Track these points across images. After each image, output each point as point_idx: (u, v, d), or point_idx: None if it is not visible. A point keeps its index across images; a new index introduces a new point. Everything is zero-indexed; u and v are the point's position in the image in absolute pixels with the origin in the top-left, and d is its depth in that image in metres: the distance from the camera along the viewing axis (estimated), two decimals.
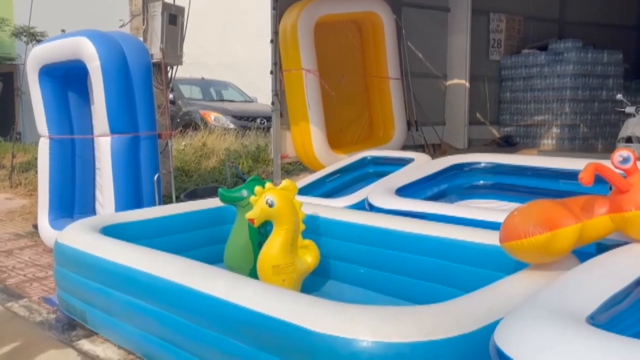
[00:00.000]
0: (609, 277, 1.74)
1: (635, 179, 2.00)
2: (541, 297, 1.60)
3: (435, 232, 2.79)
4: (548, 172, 3.63)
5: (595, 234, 2.09)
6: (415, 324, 1.68)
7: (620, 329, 1.55)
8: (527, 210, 2.06)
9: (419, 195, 3.64)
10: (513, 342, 1.42)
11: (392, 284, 2.94)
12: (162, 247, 2.89)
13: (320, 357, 1.71)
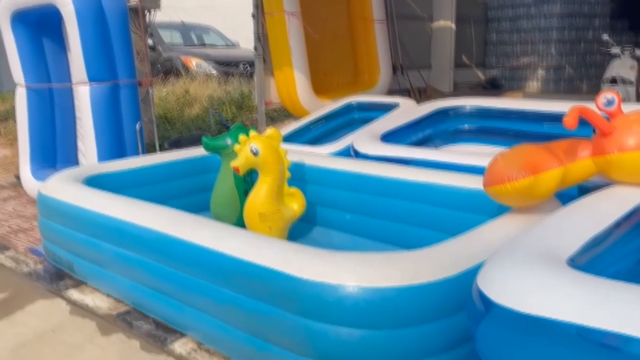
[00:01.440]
0: (590, 220, 1.76)
1: (619, 122, 2.00)
2: (523, 240, 1.62)
3: (421, 177, 2.80)
4: (533, 115, 3.63)
5: (578, 177, 2.11)
6: (400, 268, 1.71)
7: (598, 270, 1.59)
8: (511, 155, 2.07)
9: (405, 140, 3.64)
10: (495, 285, 1.45)
11: (378, 229, 2.98)
12: (147, 197, 2.88)
13: (307, 303, 1.74)
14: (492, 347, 1.43)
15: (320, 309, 1.72)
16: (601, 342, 1.22)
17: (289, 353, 1.84)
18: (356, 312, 1.67)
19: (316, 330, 1.74)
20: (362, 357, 1.73)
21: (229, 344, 2.09)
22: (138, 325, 2.45)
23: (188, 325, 2.28)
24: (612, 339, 1.20)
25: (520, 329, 1.36)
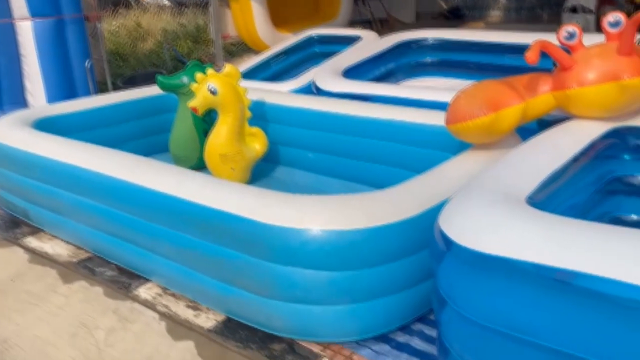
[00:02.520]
0: (548, 156, 1.79)
1: (579, 56, 2.00)
2: (483, 179, 1.63)
3: (384, 114, 2.78)
4: (495, 47, 3.61)
5: (538, 112, 2.12)
6: (364, 210, 1.71)
7: (555, 205, 1.63)
8: (472, 92, 2.05)
9: (367, 75, 3.57)
10: (455, 225, 1.47)
11: (342, 167, 2.97)
12: (101, 140, 2.78)
13: (272, 247, 1.74)
14: (452, 285, 1.46)
15: (285, 253, 1.72)
16: (555, 278, 1.25)
17: (255, 296, 1.85)
18: (321, 254, 1.68)
19: (282, 273, 1.75)
20: (329, 298, 1.76)
21: (195, 288, 2.09)
22: (100, 272, 2.42)
23: (152, 270, 2.27)
24: (566, 276, 1.23)
25: (478, 267, 1.39)
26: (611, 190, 2.09)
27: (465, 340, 1.48)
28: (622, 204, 2.11)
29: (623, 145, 2.04)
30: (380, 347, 1.81)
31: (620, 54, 1.91)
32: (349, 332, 1.80)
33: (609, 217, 2.13)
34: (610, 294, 1.18)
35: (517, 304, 1.33)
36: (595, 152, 1.96)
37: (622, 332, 1.18)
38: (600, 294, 1.19)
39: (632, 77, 1.89)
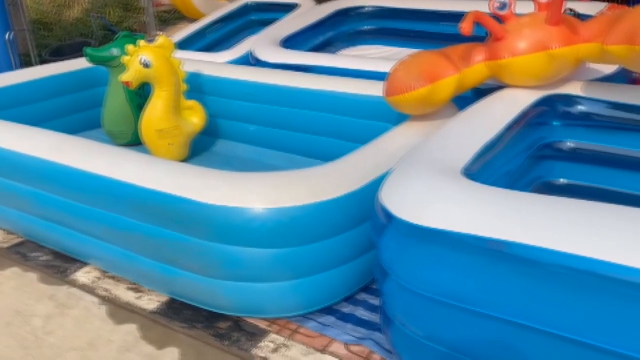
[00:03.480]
0: (483, 126, 1.83)
1: (511, 26, 2.04)
2: (420, 152, 1.66)
3: (324, 85, 2.76)
4: (433, 15, 3.63)
5: (473, 82, 2.17)
6: (306, 186, 1.71)
7: (488, 175, 1.69)
8: (409, 64, 2.06)
9: (305, 45, 3.53)
10: (394, 198, 1.49)
11: (283, 139, 2.95)
12: (27, 118, 2.64)
13: (214, 228, 1.72)
14: (393, 257, 1.50)
15: (228, 233, 1.71)
16: (489, 248, 1.30)
17: (199, 276, 1.83)
18: (265, 232, 1.68)
19: (225, 252, 1.74)
20: (273, 274, 1.76)
21: (136, 270, 2.04)
22: (34, 257, 2.32)
23: (89, 254, 2.19)
24: (499, 245, 1.28)
25: (417, 239, 1.43)
26: (542, 155, 2.18)
27: (406, 309, 1.52)
28: (552, 168, 2.21)
29: (553, 112, 2.13)
30: (325, 318, 1.84)
31: (549, 24, 1.96)
32: (295, 307, 1.82)
33: (540, 181, 2.23)
34: (541, 261, 1.23)
35: (455, 273, 1.38)
36: (527, 119, 2.03)
37: (553, 297, 1.24)
38: (531, 262, 1.25)
39: (560, 47, 1.95)
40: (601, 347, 1.18)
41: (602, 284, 1.16)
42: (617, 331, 1.16)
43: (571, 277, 1.20)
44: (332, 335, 1.77)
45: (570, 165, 2.17)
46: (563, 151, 2.17)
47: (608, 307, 1.17)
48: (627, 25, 1.74)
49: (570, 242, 1.20)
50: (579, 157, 2.15)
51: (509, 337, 1.34)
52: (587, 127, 2.10)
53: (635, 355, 1.14)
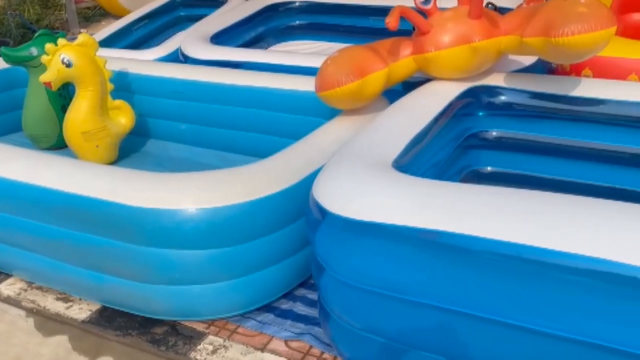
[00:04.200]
0: (411, 119, 1.87)
1: (435, 20, 2.09)
2: (352, 146, 1.68)
3: (255, 81, 2.73)
4: (362, 10, 3.67)
5: (401, 75, 2.21)
6: (239, 185, 1.69)
7: (418, 166, 1.73)
8: (338, 59, 2.08)
9: (236, 41, 3.48)
10: (327, 194, 1.50)
11: (216, 137, 2.90)
12: None
13: (145, 232, 1.67)
14: (329, 252, 1.51)
15: (161, 236, 1.66)
16: (421, 238, 1.34)
17: (131, 282, 1.78)
18: (198, 234, 1.65)
19: (158, 256, 1.69)
20: (209, 276, 1.73)
21: (64, 279, 1.96)
22: None
23: (13, 265, 2.08)
24: (430, 235, 1.32)
25: (352, 233, 1.44)
26: (470, 145, 2.25)
27: (343, 303, 1.54)
28: (480, 157, 2.29)
29: (478, 103, 2.20)
30: (264, 317, 1.83)
31: (471, 18, 2.02)
32: (233, 307, 1.80)
33: (469, 170, 2.31)
34: (470, 248, 1.28)
35: (389, 265, 1.41)
36: (453, 111, 2.10)
37: (484, 282, 1.29)
38: (461, 249, 1.29)
39: (482, 40, 2.02)
40: (533, 329, 1.24)
41: (531, 268, 1.21)
42: (549, 313, 1.22)
43: (500, 262, 1.25)
44: (272, 333, 1.77)
45: (496, 154, 2.26)
46: (489, 140, 2.25)
47: (538, 290, 1.22)
48: (543, 19, 1.83)
49: (497, 229, 1.25)
50: (504, 146, 2.24)
51: (445, 324, 1.39)
52: (510, 116, 2.19)
53: (565, 334, 1.20)
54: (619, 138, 2.05)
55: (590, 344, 1.18)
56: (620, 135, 2.05)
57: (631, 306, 1.13)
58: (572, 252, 1.15)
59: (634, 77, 2.25)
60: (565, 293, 1.19)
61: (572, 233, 1.18)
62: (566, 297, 1.19)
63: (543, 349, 1.25)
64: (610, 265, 1.12)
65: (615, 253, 1.12)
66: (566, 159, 2.16)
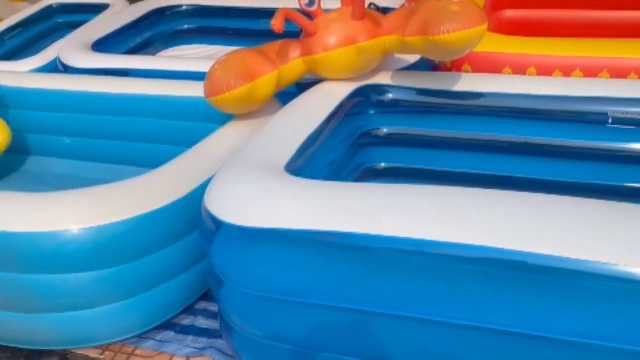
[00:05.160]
0: (303, 120, 1.88)
1: (320, 22, 2.11)
2: (243, 152, 1.65)
3: (143, 89, 2.61)
4: (251, 12, 3.63)
5: (292, 77, 2.20)
6: (125, 199, 1.60)
7: (312, 168, 1.73)
8: (226, 63, 2.03)
9: (120, 48, 3.31)
10: (220, 202, 1.46)
11: (104, 150, 2.74)
12: None
13: (24, 258, 1.54)
14: (225, 263, 1.47)
15: (42, 261, 1.54)
16: (317, 240, 1.33)
17: (11, 313, 1.63)
18: (84, 255, 1.54)
19: (41, 283, 1.56)
20: (99, 298, 1.63)
21: None
22: None
23: None
24: (325, 237, 1.32)
25: (248, 242, 1.41)
26: (363, 143, 2.30)
27: (245, 313, 1.51)
28: (373, 154, 2.35)
29: (368, 102, 2.25)
30: (164, 334, 1.76)
31: (354, 19, 2.06)
32: (129, 328, 1.71)
33: (363, 168, 2.35)
34: (365, 246, 1.29)
35: (289, 270, 1.40)
36: (344, 110, 2.13)
37: (382, 279, 1.31)
38: (356, 248, 1.30)
39: (366, 40, 2.06)
40: (436, 320, 1.27)
41: (426, 261, 1.25)
42: (448, 303, 1.25)
43: (396, 258, 1.27)
44: (172, 351, 1.70)
45: (388, 150, 2.33)
46: (380, 137, 2.31)
47: (435, 282, 1.26)
48: (420, 18, 1.90)
49: (389, 225, 1.27)
50: (395, 141, 2.31)
51: (349, 324, 1.40)
52: (399, 112, 2.26)
53: (469, 323, 1.24)
54: (499, 128, 2.17)
55: (489, 329, 1.23)
56: (499, 125, 2.17)
57: (519, 289, 1.18)
58: (464, 243, 1.19)
59: (508, 70, 2.40)
60: (460, 282, 1.23)
61: (463, 224, 1.22)
62: (463, 286, 1.23)
63: (445, 338, 1.30)
64: (500, 252, 1.16)
65: (504, 241, 1.17)
66: (454, 151, 2.27)
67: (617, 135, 2.02)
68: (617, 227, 1.15)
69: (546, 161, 2.17)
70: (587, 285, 1.12)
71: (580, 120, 2.04)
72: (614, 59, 2.28)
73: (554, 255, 1.13)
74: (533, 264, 1.15)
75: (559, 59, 2.33)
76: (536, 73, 2.36)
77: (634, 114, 1.96)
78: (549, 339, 1.19)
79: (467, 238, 1.20)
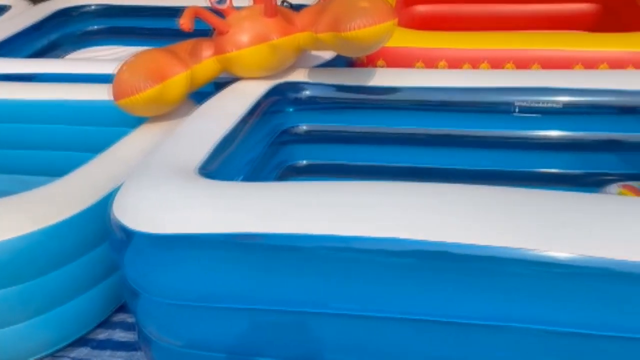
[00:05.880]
0: (217, 122, 1.84)
1: (232, 20, 2.07)
2: (154, 157, 1.59)
3: (50, 94, 2.47)
4: (163, 11, 3.53)
5: (205, 77, 2.15)
6: (26, 212, 1.50)
7: (227, 171, 1.70)
8: (135, 64, 1.96)
9: (24, 51, 3.12)
10: (130, 211, 1.40)
11: (11, 160, 2.57)
12: None
13: None
14: (139, 273, 1.41)
15: None
16: (235, 243, 1.30)
17: None
18: None
19: None
20: (4, 318, 1.52)
21: None
22: None
23: None
24: (241, 238, 1.29)
25: (161, 249, 1.36)
26: (283, 142, 2.28)
27: (164, 323, 1.46)
28: (294, 152, 2.34)
29: (285, 100, 2.24)
30: (78, 352, 1.67)
31: (266, 16, 2.04)
32: (39, 348, 1.61)
33: (285, 166, 2.34)
34: (281, 245, 1.27)
35: (207, 275, 1.36)
36: (262, 109, 2.10)
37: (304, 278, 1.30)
38: (273, 248, 1.29)
39: (279, 37, 2.04)
40: (361, 315, 1.28)
41: (346, 256, 1.25)
42: (380, 298, 1.26)
43: (320, 256, 1.27)
44: None
45: (308, 147, 2.33)
46: (300, 135, 2.31)
47: (362, 278, 1.26)
48: (331, 15, 1.90)
49: (302, 223, 1.26)
50: (315, 139, 2.31)
51: (276, 326, 1.38)
52: (317, 109, 2.26)
53: (399, 315, 1.25)
54: (415, 121, 2.22)
55: (419, 320, 1.24)
56: (415, 119, 2.22)
57: (443, 279, 1.21)
58: (388, 237, 1.19)
59: (421, 64, 2.45)
60: (387, 276, 1.23)
61: (385, 218, 1.22)
62: (390, 279, 1.23)
63: (376, 332, 1.30)
64: (423, 244, 1.17)
65: (426, 233, 1.18)
66: (373, 145, 2.30)
67: (524, 123, 2.12)
68: (531, 213, 1.18)
69: (461, 151, 2.24)
70: (506, 270, 1.16)
71: (490, 110, 2.12)
72: (519, 50, 2.39)
73: (475, 244, 1.15)
74: (454, 254, 1.17)
75: (468, 52, 2.41)
76: (447, 66, 2.43)
77: (538, 102, 2.06)
78: (473, 325, 1.22)
79: (390, 232, 1.20)
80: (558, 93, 2.05)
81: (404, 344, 1.32)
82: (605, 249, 1.10)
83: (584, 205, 1.20)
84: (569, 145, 2.13)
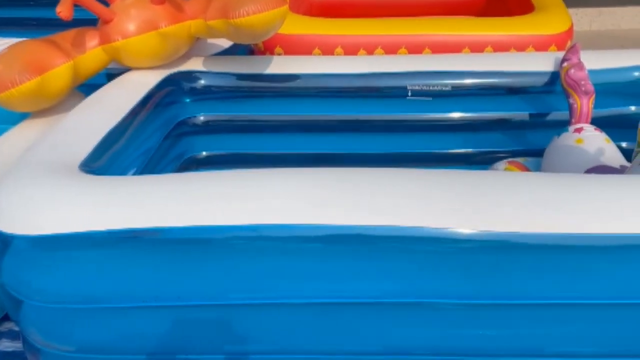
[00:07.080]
0: (104, 115, 1.74)
1: (117, 7, 1.96)
2: (32, 153, 1.48)
3: None
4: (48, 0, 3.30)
5: (92, 68, 2.03)
6: None
7: (116, 166, 1.62)
8: (9, 56, 1.81)
9: None
10: (5, 214, 1.29)
11: None
12: None
13: None
14: (20, 280, 1.31)
15: None
16: (123, 239, 1.25)
17: None
18: None
19: None
20: None
21: None
22: None
23: None
24: (129, 234, 1.24)
25: (44, 252, 1.27)
26: (181, 133, 2.21)
27: (51, 330, 1.37)
28: (193, 144, 2.28)
29: (181, 90, 2.17)
30: None
31: (154, 3, 1.95)
32: None
33: (184, 158, 2.28)
34: (171, 239, 1.23)
35: (97, 275, 1.29)
36: (154, 101, 2.02)
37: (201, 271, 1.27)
38: (163, 242, 1.24)
39: (168, 25, 1.97)
40: (278, 303, 1.27)
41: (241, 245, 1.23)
42: (294, 284, 1.25)
43: (220, 246, 1.24)
44: None
45: (208, 138, 2.27)
46: (199, 126, 2.25)
47: (271, 265, 1.25)
48: (221, 1, 1.86)
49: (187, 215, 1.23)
50: (214, 129, 2.26)
51: (172, 322, 1.34)
52: (215, 99, 2.22)
53: (315, 300, 1.26)
54: (314, 108, 2.23)
55: (340, 303, 1.25)
56: (315, 105, 2.23)
57: (355, 260, 1.22)
58: (299, 223, 1.18)
59: (318, 51, 2.46)
60: (300, 261, 1.23)
61: (293, 204, 1.21)
62: (303, 264, 1.23)
63: (292, 318, 1.30)
64: (334, 228, 1.18)
65: (337, 216, 1.18)
66: (274, 133, 2.29)
67: (417, 106, 2.18)
68: (439, 192, 1.22)
69: (360, 136, 2.28)
70: (413, 248, 1.19)
71: (385, 95, 2.17)
72: (411, 36, 2.46)
73: (385, 225, 1.17)
74: (365, 235, 1.18)
75: (363, 38, 2.45)
76: (343, 53, 2.46)
77: (430, 85, 2.13)
78: (386, 304, 1.25)
79: (301, 218, 1.19)
80: (448, 76, 2.13)
81: (314, 329, 1.32)
82: (493, 223, 1.15)
83: (475, 181, 1.24)
84: (460, 126, 2.23)
